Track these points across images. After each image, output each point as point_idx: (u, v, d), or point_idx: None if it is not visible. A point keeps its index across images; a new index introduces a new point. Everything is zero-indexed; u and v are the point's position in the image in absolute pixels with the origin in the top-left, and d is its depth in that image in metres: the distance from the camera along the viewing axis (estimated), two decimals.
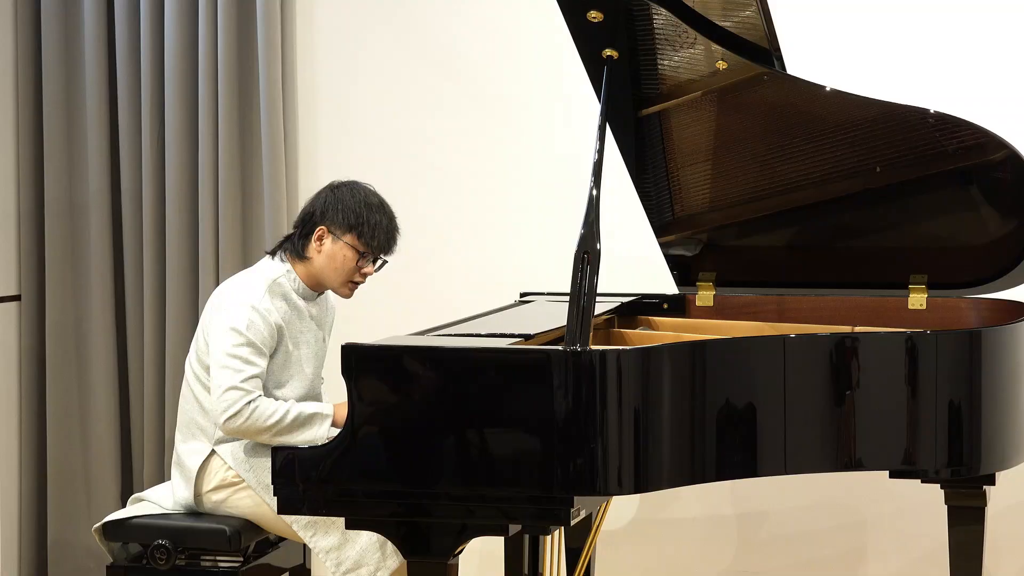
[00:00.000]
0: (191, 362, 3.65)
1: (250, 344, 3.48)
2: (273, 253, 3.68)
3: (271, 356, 3.55)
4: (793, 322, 3.89)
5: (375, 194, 3.64)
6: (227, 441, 3.60)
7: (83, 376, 4.87)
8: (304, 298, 3.65)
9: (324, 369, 3.85)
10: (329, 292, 3.75)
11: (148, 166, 4.77)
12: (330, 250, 3.59)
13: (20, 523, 4.92)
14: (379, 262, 3.65)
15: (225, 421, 3.46)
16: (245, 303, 3.52)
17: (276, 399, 3.54)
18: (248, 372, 3.46)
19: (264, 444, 3.55)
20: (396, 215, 3.65)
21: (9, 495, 4.87)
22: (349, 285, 3.64)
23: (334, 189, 3.63)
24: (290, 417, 3.46)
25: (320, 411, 3.49)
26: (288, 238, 3.68)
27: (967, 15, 4.31)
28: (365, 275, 3.64)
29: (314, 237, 3.60)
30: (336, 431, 3.39)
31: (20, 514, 4.92)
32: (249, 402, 3.44)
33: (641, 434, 2.97)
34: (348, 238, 3.58)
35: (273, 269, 3.63)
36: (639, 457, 2.98)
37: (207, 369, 3.57)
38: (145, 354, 4.79)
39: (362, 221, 3.57)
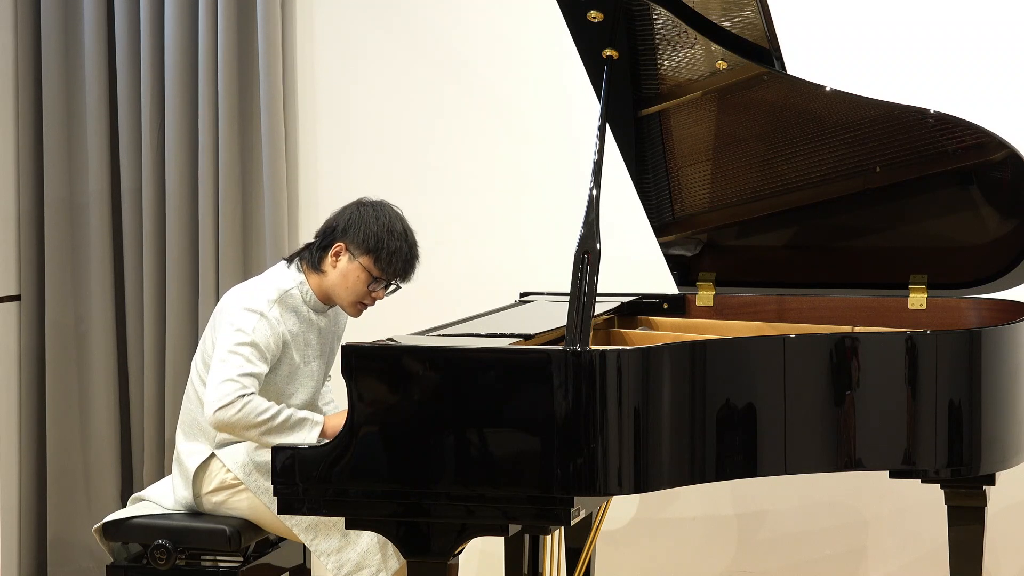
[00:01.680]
0: (196, 364, 3.64)
1: (253, 345, 3.46)
2: (290, 260, 3.65)
3: (276, 366, 3.53)
4: (793, 322, 3.89)
5: (400, 219, 3.58)
6: (227, 444, 3.59)
7: (83, 376, 4.87)
8: (315, 310, 3.62)
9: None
10: None
11: (148, 166, 4.77)
12: (345, 268, 3.55)
13: (20, 523, 4.92)
14: (391, 287, 3.61)
15: (216, 411, 3.38)
16: (254, 309, 3.50)
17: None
18: (247, 369, 3.43)
19: (262, 448, 3.54)
20: (417, 240, 3.59)
21: (9, 495, 4.87)
22: (358, 306, 3.60)
23: (361, 207, 3.57)
24: (281, 417, 3.41)
25: (310, 417, 3.44)
26: (307, 247, 3.64)
27: (967, 15, 4.31)
28: (375, 299, 3.60)
29: (331, 252, 3.55)
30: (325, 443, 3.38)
31: (20, 514, 4.92)
32: (243, 395, 3.40)
33: (641, 434, 2.98)
34: (364, 260, 3.54)
35: (286, 279, 3.60)
36: (639, 457, 2.98)
37: None
38: (145, 354, 4.79)
39: (381, 246, 3.52)
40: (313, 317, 3.61)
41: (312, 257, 3.59)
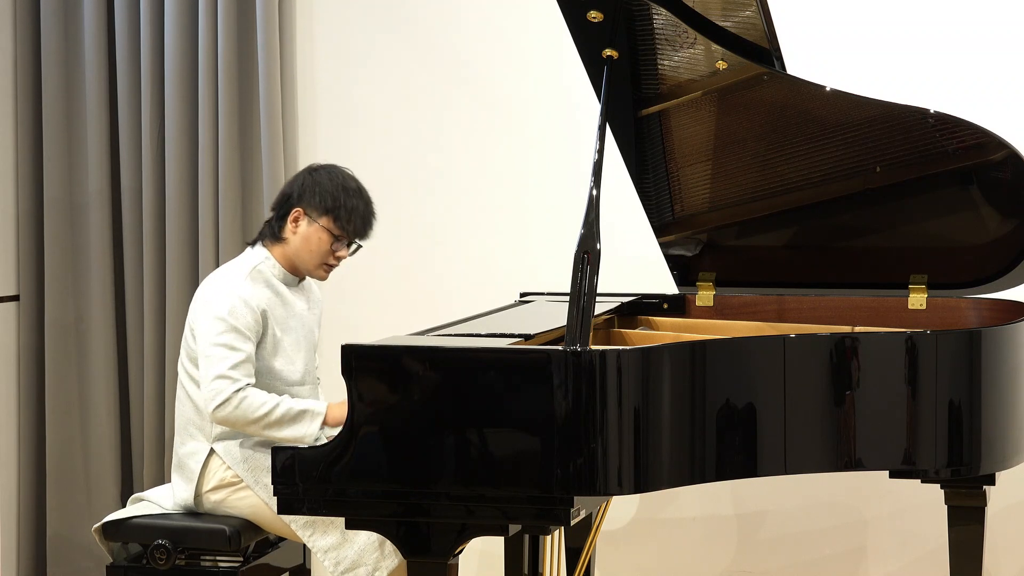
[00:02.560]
0: (182, 362, 3.65)
1: (234, 330, 3.49)
2: (253, 243, 3.70)
3: (260, 343, 3.55)
4: (793, 322, 3.89)
5: (353, 178, 3.65)
6: (225, 439, 3.60)
7: (83, 376, 4.87)
8: (286, 284, 3.65)
9: (324, 369, 3.85)
10: (314, 285, 3.76)
11: (148, 166, 4.77)
12: (305, 232, 3.60)
13: (19, 523, 4.92)
14: (354, 246, 3.65)
15: (214, 410, 3.45)
16: (226, 291, 3.54)
17: (268, 387, 3.54)
18: (234, 359, 3.47)
19: (261, 444, 3.55)
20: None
21: (8, 495, 4.87)
22: (324, 267, 3.66)
23: (312, 172, 3.64)
24: (279, 411, 3.44)
25: (311, 408, 3.48)
26: (266, 223, 3.70)
27: (967, 15, 4.31)
28: (339, 258, 3.65)
29: (290, 219, 3.61)
30: (329, 430, 3.40)
31: (19, 514, 4.92)
32: (238, 390, 3.44)
33: (641, 434, 2.97)
34: (324, 221, 3.59)
35: (253, 257, 3.65)
36: (639, 457, 2.97)
37: (197, 365, 3.57)
38: (145, 354, 4.79)
39: (339, 205, 3.58)
40: (285, 291, 3.64)
41: (272, 229, 3.65)
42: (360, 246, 3.67)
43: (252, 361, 3.51)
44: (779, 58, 3.56)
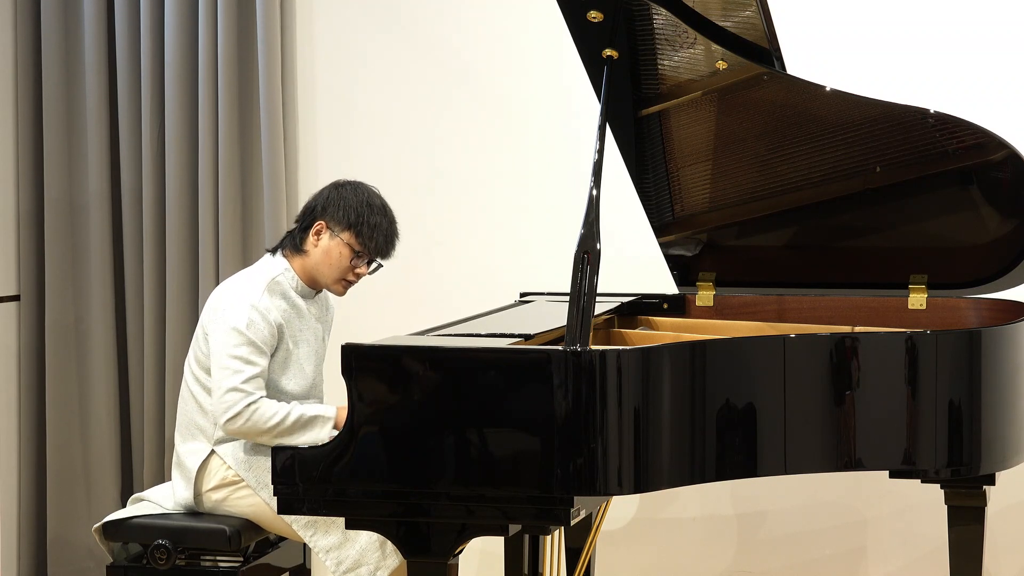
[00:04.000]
0: (190, 363, 3.65)
1: (251, 344, 3.48)
2: (274, 251, 3.69)
3: (272, 355, 3.55)
4: (793, 322, 3.89)
5: (378, 196, 3.64)
6: (226, 441, 3.60)
7: (83, 376, 4.87)
8: (303, 296, 3.65)
9: (324, 369, 3.85)
10: (330, 295, 3.75)
11: (148, 166, 4.77)
12: (327, 246, 3.60)
13: (19, 523, 4.92)
14: (373, 264, 3.65)
15: (226, 422, 3.46)
16: (245, 302, 3.53)
17: (277, 399, 3.54)
18: (248, 372, 3.47)
19: (264, 444, 3.55)
20: (396, 218, 3.65)
21: (9, 495, 4.87)
22: (342, 283, 3.65)
23: (338, 187, 3.64)
24: (291, 419, 3.45)
25: (322, 413, 3.48)
26: (288, 234, 3.69)
27: (967, 15, 4.31)
28: (359, 275, 3.64)
29: (312, 231, 3.61)
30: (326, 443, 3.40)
31: (19, 514, 4.92)
32: (249, 404, 3.45)
33: (641, 434, 2.98)
34: (346, 236, 3.59)
35: (272, 267, 3.64)
36: (639, 457, 2.98)
37: (206, 370, 3.57)
38: (145, 354, 4.79)
39: (362, 221, 3.58)
40: (301, 303, 3.63)
41: (294, 240, 3.64)
42: (380, 265, 3.66)
43: (264, 376, 3.51)
44: (779, 58, 3.56)
